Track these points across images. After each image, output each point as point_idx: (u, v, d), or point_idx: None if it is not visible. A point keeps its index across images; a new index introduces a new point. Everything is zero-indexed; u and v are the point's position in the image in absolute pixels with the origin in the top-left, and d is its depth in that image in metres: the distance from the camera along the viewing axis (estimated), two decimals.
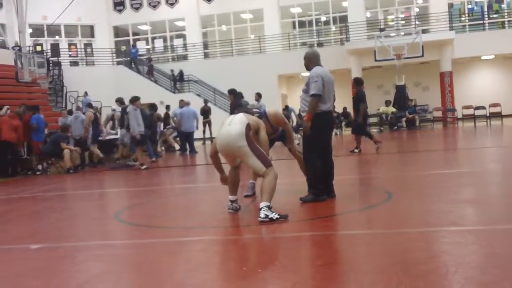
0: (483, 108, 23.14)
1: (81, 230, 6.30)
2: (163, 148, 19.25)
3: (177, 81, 28.09)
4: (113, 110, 18.08)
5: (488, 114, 23.03)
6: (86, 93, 23.60)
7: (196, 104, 20.02)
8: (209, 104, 21.46)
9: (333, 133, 23.25)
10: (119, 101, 15.65)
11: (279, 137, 7.33)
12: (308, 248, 4.66)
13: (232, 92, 13.85)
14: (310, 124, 6.39)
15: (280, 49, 28.39)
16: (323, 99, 6.41)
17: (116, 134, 16.67)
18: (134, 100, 13.46)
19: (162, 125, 19.17)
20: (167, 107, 20.65)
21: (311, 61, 6.66)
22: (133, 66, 28.31)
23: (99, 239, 5.67)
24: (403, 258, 3.93)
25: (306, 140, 6.56)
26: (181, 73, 28.05)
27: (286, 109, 23.28)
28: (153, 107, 18.64)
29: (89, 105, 17.16)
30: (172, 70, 28.32)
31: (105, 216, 7.28)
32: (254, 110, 6.86)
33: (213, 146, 6.08)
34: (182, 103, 17.87)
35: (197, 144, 19.03)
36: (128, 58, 28.88)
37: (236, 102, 13.25)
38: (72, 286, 3.86)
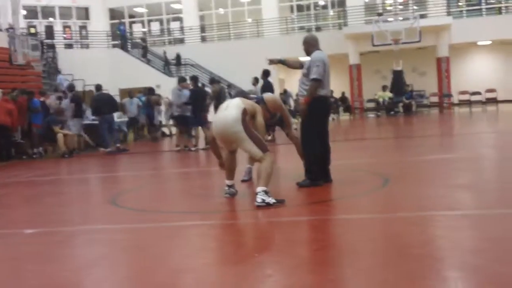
0: (479, 93, 23.14)
1: (77, 215, 6.30)
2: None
3: (174, 65, 27.92)
4: None
5: (484, 100, 23.04)
6: (59, 72, 23.13)
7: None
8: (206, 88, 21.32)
9: (331, 118, 23.29)
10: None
11: (277, 122, 7.32)
12: (305, 232, 4.67)
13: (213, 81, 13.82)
14: (308, 108, 6.39)
15: (278, 33, 28.25)
16: (322, 84, 6.41)
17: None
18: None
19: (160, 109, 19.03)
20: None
21: (311, 45, 6.65)
22: (129, 49, 28.11)
23: (95, 223, 5.67)
24: (399, 242, 3.94)
25: (304, 124, 6.55)
26: (178, 57, 27.86)
27: (285, 93, 23.23)
28: (150, 91, 18.59)
29: (71, 87, 16.87)
30: (164, 52, 28.10)
31: (102, 200, 7.28)
32: (251, 96, 6.84)
33: (210, 131, 6.07)
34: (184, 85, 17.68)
35: None
36: (122, 41, 28.64)
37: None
38: (67, 271, 3.86)
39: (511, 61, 27.84)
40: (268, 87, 13.89)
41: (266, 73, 14.13)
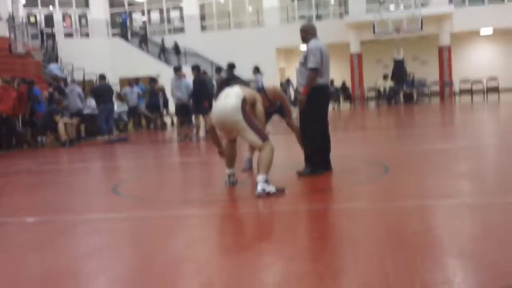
0: (481, 82, 23.08)
1: (78, 204, 6.31)
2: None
3: (173, 54, 27.83)
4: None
5: (485, 88, 22.99)
6: (48, 58, 23.07)
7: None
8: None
9: (331, 107, 23.26)
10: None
11: (277, 111, 7.32)
12: (305, 221, 4.68)
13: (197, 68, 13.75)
14: (307, 98, 6.39)
15: (278, 22, 28.16)
16: (320, 73, 6.40)
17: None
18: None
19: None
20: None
21: (308, 33, 6.62)
22: (129, 38, 28.03)
23: (96, 212, 5.69)
24: (398, 231, 3.95)
25: (303, 113, 6.55)
26: (176, 45, 27.75)
27: (287, 82, 23.20)
28: (153, 80, 18.56)
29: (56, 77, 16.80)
30: (162, 40, 28.01)
31: (103, 189, 7.29)
32: (252, 86, 6.84)
33: (210, 120, 6.07)
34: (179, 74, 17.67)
35: None
36: (123, 30, 28.55)
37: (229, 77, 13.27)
38: (69, 259, 3.87)
39: None
40: (232, 80, 13.72)
41: (231, 66, 14.10)
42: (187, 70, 14.18)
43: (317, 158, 6.51)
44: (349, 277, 3.12)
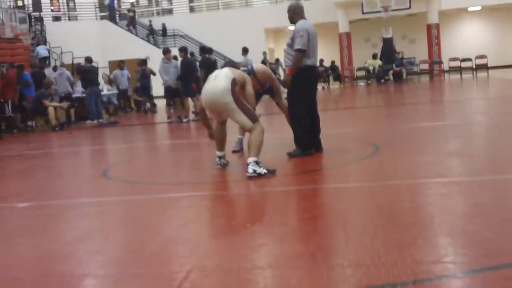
0: (470, 60, 23.12)
1: (69, 188, 6.30)
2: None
3: (160, 36, 27.63)
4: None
5: (474, 66, 23.04)
6: (37, 43, 22.79)
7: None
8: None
9: (321, 87, 23.27)
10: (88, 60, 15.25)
11: (267, 92, 7.31)
12: (297, 202, 4.70)
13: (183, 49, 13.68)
14: (294, 79, 6.36)
15: (267, 2, 27.99)
16: (307, 54, 6.37)
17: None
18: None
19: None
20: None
21: (296, 13, 6.56)
22: (118, 21, 27.79)
23: (87, 196, 5.68)
24: (389, 209, 3.98)
25: (292, 95, 6.53)
26: (164, 27, 27.52)
27: (276, 62, 23.10)
28: (143, 62, 18.46)
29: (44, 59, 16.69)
30: (150, 21, 27.80)
31: (93, 173, 7.27)
32: (242, 68, 6.80)
33: (200, 102, 6.05)
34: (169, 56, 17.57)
35: None
36: (111, 13, 28.29)
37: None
38: (61, 243, 3.87)
39: (501, 26, 27.82)
40: (205, 64, 13.65)
41: (203, 50, 14.04)
42: (176, 52, 14.09)
43: (307, 138, 6.51)
44: (341, 256, 3.14)
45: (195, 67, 13.61)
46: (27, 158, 9.38)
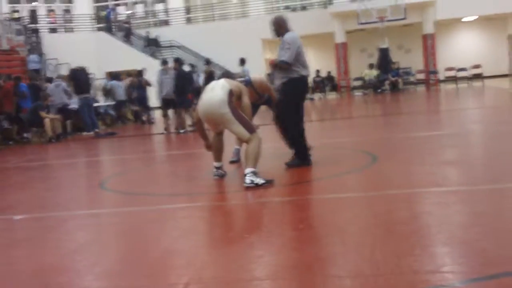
0: (465, 69, 23.20)
1: (66, 200, 6.28)
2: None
3: (155, 47, 27.67)
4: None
5: (470, 76, 23.12)
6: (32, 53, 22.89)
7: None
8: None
9: (317, 97, 23.31)
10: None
11: (265, 103, 7.31)
12: (294, 212, 4.69)
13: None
14: (286, 88, 6.33)
15: (263, 13, 28.08)
16: (303, 64, 6.37)
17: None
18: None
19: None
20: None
21: (282, 26, 6.50)
22: (113, 31, 27.84)
23: (84, 208, 5.67)
24: (387, 219, 3.98)
25: (285, 105, 6.46)
26: (155, 39, 27.48)
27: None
28: (140, 73, 18.49)
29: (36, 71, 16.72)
30: (147, 32, 27.88)
31: (90, 185, 7.26)
32: (239, 79, 6.81)
33: (196, 113, 6.05)
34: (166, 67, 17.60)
35: None
36: (108, 24, 28.36)
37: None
38: (58, 255, 3.86)
39: (496, 36, 27.92)
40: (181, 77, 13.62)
41: (178, 61, 13.98)
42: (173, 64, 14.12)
43: (302, 148, 6.49)
44: (339, 267, 3.14)
45: (190, 78, 13.66)
46: (24, 170, 9.36)
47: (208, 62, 17.57)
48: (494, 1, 24.66)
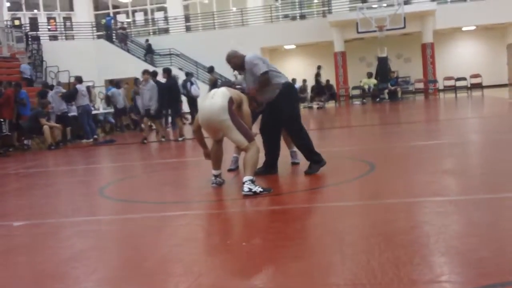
0: (464, 79, 23.27)
1: (65, 207, 6.28)
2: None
3: (153, 54, 27.73)
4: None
5: (469, 85, 23.18)
6: (34, 61, 22.88)
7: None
8: (193, 79, 21.21)
9: (316, 106, 23.31)
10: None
11: (263, 110, 7.31)
12: (292, 220, 4.69)
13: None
14: (282, 100, 6.39)
15: (262, 22, 28.18)
16: (278, 72, 6.46)
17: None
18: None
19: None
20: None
21: (235, 57, 6.54)
22: (114, 39, 27.92)
23: (83, 215, 5.66)
24: (385, 228, 3.98)
25: (290, 114, 6.51)
26: (148, 45, 27.49)
27: None
28: (137, 81, 18.53)
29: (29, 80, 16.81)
30: (147, 40, 27.96)
31: (89, 192, 7.26)
32: (238, 87, 6.83)
33: (196, 121, 6.07)
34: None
35: None
36: (108, 32, 28.44)
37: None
38: (57, 262, 3.86)
39: (495, 46, 28.04)
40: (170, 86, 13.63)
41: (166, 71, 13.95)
42: (173, 71, 14.19)
43: (313, 153, 6.53)
44: (337, 276, 3.14)
45: (176, 88, 13.83)
46: (23, 176, 9.36)
47: (211, 70, 17.56)
48: (493, 10, 24.79)
